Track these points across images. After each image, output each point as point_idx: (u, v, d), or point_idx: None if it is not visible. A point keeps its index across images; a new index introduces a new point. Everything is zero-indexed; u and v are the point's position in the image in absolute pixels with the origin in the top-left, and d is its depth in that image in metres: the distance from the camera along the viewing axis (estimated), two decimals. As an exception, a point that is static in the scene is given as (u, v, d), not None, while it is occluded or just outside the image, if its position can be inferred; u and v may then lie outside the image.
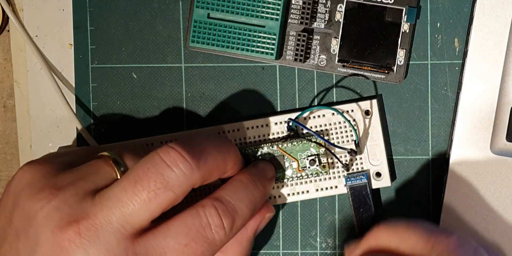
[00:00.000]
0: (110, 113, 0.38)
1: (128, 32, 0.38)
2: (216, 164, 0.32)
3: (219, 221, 0.31)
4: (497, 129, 0.36)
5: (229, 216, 0.31)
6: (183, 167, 0.30)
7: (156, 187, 0.29)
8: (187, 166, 0.30)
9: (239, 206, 0.32)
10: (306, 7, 0.36)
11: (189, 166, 0.30)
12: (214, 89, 0.38)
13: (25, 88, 0.39)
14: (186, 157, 0.30)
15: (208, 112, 0.38)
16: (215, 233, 0.31)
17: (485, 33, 0.36)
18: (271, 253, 0.38)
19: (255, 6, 0.35)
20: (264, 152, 0.36)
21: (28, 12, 0.39)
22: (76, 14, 0.38)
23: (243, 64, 0.38)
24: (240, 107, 0.38)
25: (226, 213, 0.31)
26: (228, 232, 0.31)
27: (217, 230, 0.31)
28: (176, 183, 0.30)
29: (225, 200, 0.32)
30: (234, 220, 0.31)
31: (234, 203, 0.32)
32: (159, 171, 0.30)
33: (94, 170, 0.32)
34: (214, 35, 0.36)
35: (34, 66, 0.39)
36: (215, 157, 0.32)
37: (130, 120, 0.38)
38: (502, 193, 0.36)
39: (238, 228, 0.32)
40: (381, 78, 0.36)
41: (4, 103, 0.40)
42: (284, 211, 0.38)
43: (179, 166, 0.30)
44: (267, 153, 0.36)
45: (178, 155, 0.30)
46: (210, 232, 0.31)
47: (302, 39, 0.36)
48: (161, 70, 0.38)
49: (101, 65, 0.38)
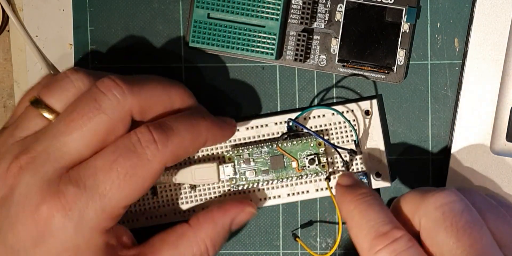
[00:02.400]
0: (110, 113, 0.38)
1: (128, 32, 0.38)
2: (155, 93, 0.32)
3: (149, 136, 0.31)
4: (497, 129, 0.36)
5: (161, 132, 0.31)
6: (115, 91, 0.31)
7: (88, 110, 0.30)
8: (119, 91, 0.31)
9: (175, 125, 0.31)
10: (306, 7, 0.36)
11: (121, 90, 0.31)
12: (214, 89, 0.38)
13: (25, 88, 0.39)
14: (119, 83, 0.31)
15: (208, 112, 0.38)
16: (145, 147, 0.30)
17: (485, 33, 0.36)
18: (271, 253, 0.38)
19: (255, 6, 0.35)
20: (264, 151, 0.36)
21: (28, 12, 0.39)
22: (76, 14, 0.38)
23: (243, 64, 0.38)
24: (240, 107, 0.38)
25: (158, 128, 0.31)
26: (162, 147, 0.31)
27: (147, 145, 0.30)
28: (108, 107, 0.30)
29: (161, 121, 0.32)
30: (168, 136, 0.31)
31: (170, 123, 0.32)
32: (93, 97, 0.31)
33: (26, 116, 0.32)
34: (214, 35, 0.36)
35: (34, 66, 0.39)
36: (154, 86, 0.32)
37: (130, 120, 0.38)
38: (502, 193, 0.36)
39: (175, 146, 0.31)
40: (381, 78, 0.36)
41: (4, 103, 0.40)
42: (284, 211, 0.38)
43: (111, 91, 0.31)
44: (267, 152, 0.36)
45: (112, 82, 0.31)
46: (139, 147, 0.30)
47: (302, 39, 0.36)
48: (161, 70, 0.38)
49: (101, 65, 0.38)
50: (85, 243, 0.30)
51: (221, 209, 0.34)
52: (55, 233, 0.30)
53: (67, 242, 0.30)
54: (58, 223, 0.29)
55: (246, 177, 0.36)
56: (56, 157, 0.30)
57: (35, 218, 0.29)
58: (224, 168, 0.35)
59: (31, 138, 0.31)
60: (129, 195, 0.30)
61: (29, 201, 0.30)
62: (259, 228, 0.38)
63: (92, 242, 0.30)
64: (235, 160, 0.36)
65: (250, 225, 0.38)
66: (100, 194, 0.30)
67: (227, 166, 0.35)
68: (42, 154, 0.30)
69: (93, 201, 0.30)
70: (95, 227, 0.30)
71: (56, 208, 0.29)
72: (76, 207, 0.29)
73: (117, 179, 0.30)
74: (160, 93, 0.32)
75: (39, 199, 0.30)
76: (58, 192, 0.30)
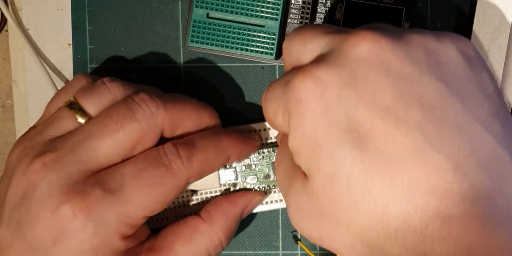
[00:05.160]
0: (109, 113, 0.38)
1: (127, 32, 0.38)
2: (186, 111, 0.33)
3: (174, 151, 0.31)
4: (497, 130, 0.36)
5: (186, 148, 0.31)
6: (150, 104, 0.31)
7: (123, 118, 0.31)
8: (154, 104, 0.31)
9: (199, 141, 0.32)
10: (306, 6, 0.36)
11: (155, 104, 0.31)
12: (213, 89, 0.38)
13: (24, 88, 0.39)
14: (154, 98, 0.32)
15: (207, 112, 0.38)
16: (171, 160, 0.31)
17: (485, 33, 0.36)
18: (270, 254, 0.38)
19: (255, 6, 0.35)
20: (266, 156, 0.35)
21: (27, 12, 0.39)
22: (74, 14, 0.38)
23: (242, 64, 0.38)
24: (240, 107, 0.38)
25: (183, 145, 0.32)
26: (186, 162, 0.31)
27: (173, 158, 0.31)
28: (142, 117, 0.31)
29: (186, 138, 0.32)
30: (192, 152, 0.31)
31: (194, 139, 0.32)
32: (128, 106, 0.31)
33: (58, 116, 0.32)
34: (213, 35, 0.36)
35: (33, 66, 0.39)
36: (185, 105, 0.33)
37: (129, 120, 0.38)
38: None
39: (199, 161, 0.32)
40: (381, 78, 0.36)
41: (3, 103, 0.40)
42: (284, 212, 0.38)
43: (146, 103, 0.31)
44: (268, 157, 0.35)
45: (147, 96, 0.32)
46: (166, 160, 0.31)
47: (302, 39, 0.36)
48: (160, 70, 0.38)
49: (99, 65, 0.38)
50: (104, 246, 0.30)
51: (231, 201, 0.34)
52: (76, 233, 0.30)
53: (87, 243, 0.30)
54: (79, 223, 0.29)
55: (248, 182, 0.36)
56: (84, 159, 0.30)
57: (56, 216, 0.29)
58: (225, 173, 0.35)
59: (60, 138, 0.31)
60: (152, 204, 0.31)
61: (51, 199, 0.29)
62: (259, 228, 0.38)
63: (112, 246, 0.30)
64: (237, 164, 0.36)
65: (250, 226, 0.38)
66: (125, 200, 0.30)
67: (228, 171, 0.35)
68: (69, 154, 0.30)
69: (117, 206, 0.30)
70: (116, 231, 0.30)
71: (79, 208, 0.29)
72: (99, 209, 0.29)
73: (143, 187, 0.30)
74: (191, 111, 0.33)
75: (62, 198, 0.29)
76: (84, 192, 0.30)
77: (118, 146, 0.31)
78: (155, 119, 0.31)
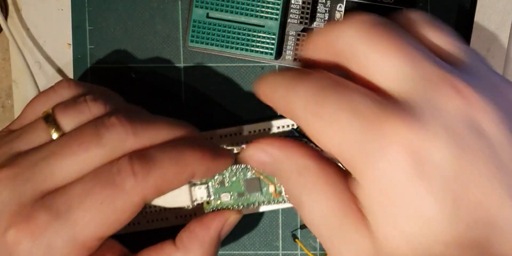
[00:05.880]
0: (109, 113, 0.38)
1: (126, 32, 0.38)
2: (159, 136, 0.31)
3: (128, 167, 0.29)
4: (497, 130, 0.36)
5: (142, 163, 0.29)
6: (120, 129, 0.30)
7: (88, 140, 0.29)
8: (123, 130, 0.30)
9: (159, 156, 0.30)
10: (306, 7, 0.36)
11: (124, 131, 0.30)
12: (213, 89, 0.38)
13: (24, 88, 0.39)
14: (125, 124, 0.30)
15: (207, 113, 0.38)
16: (124, 178, 0.29)
17: (485, 33, 0.36)
18: (270, 254, 0.38)
19: (255, 6, 0.35)
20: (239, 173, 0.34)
21: (27, 12, 0.39)
22: (74, 14, 0.38)
23: (242, 64, 0.38)
24: (240, 107, 0.38)
25: (139, 160, 0.29)
26: (141, 180, 0.29)
27: (126, 176, 0.29)
28: (108, 142, 0.29)
29: (145, 152, 0.30)
30: (149, 169, 0.29)
31: (154, 154, 0.30)
32: (97, 129, 0.30)
33: (33, 126, 0.31)
34: (213, 35, 0.36)
35: (33, 66, 0.39)
36: (160, 128, 0.31)
37: (129, 120, 0.38)
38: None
39: (157, 178, 0.29)
40: (381, 78, 0.36)
41: (3, 103, 0.40)
42: (284, 212, 0.38)
43: (116, 128, 0.30)
44: (243, 174, 0.34)
45: (117, 121, 0.30)
46: (118, 178, 0.29)
47: (302, 39, 0.36)
48: (160, 70, 0.38)
49: (99, 65, 0.38)
50: None
51: (204, 226, 0.32)
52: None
53: None
54: (25, 249, 0.28)
55: (222, 200, 0.34)
56: (40, 178, 0.29)
57: (5, 239, 0.28)
58: (196, 190, 0.33)
59: (24, 153, 0.30)
60: (104, 226, 0.29)
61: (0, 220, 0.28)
62: (259, 228, 0.38)
63: None
64: (209, 181, 0.34)
65: (250, 226, 0.38)
66: (73, 223, 0.28)
67: (199, 188, 0.33)
68: (27, 172, 0.29)
69: (65, 229, 0.28)
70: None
71: (24, 234, 0.28)
72: (45, 235, 0.28)
73: (91, 208, 0.28)
74: (164, 135, 0.31)
75: (8, 221, 0.28)
76: (29, 216, 0.28)
77: (77, 169, 0.29)
78: (121, 146, 0.29)
